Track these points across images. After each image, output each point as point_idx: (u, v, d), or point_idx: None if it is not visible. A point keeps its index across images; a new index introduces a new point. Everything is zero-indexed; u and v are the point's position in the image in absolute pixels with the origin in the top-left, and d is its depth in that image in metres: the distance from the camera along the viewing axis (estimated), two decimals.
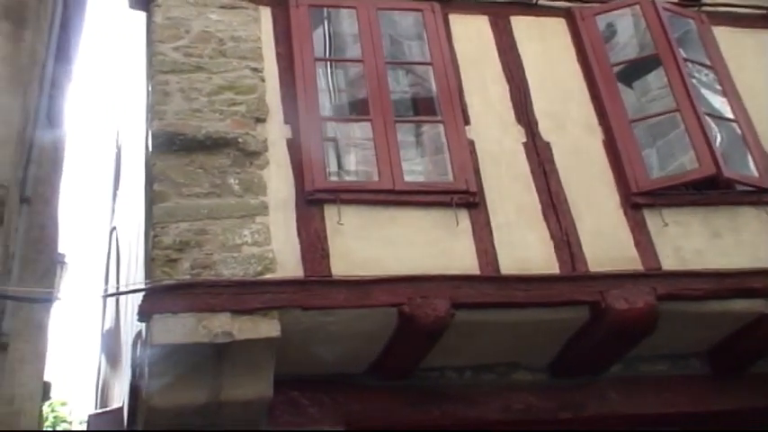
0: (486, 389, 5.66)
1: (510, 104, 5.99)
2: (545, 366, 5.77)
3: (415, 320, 5.02)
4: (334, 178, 6.04)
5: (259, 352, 4.86)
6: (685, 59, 6.33)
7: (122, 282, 8.08)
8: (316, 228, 5.19)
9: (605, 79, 6.14)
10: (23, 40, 5.82)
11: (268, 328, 4.82)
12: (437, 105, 6.01)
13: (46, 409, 14.44)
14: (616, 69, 6.39)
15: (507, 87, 6.06)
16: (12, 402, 6.48)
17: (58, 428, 18.92)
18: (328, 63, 6.74)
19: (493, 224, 5.46)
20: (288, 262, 5.05)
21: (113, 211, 11.16)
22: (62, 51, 7.20)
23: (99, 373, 10.35)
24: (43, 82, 6.42)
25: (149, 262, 5.03)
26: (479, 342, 5.44)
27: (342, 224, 5.20)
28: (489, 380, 5.70)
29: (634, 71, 6.87)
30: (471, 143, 5.76)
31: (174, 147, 5.27)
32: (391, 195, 5.40)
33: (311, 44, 5.93)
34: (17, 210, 5.75)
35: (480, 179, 5.61)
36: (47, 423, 16.15)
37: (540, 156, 5.80)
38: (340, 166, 6.55)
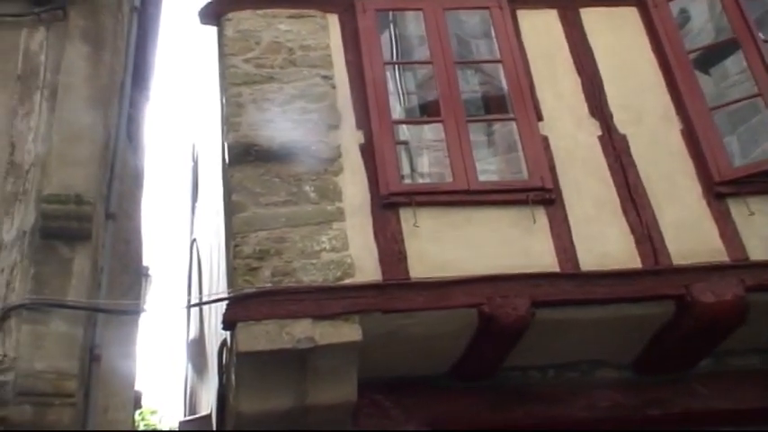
0: (570, 387, 5.59)
1: (583, 98, 5.91)
2: (630, 363, 5.66)
3: (496, 320, 5.00)
4: (407, 181, 6.07)
5: (341, 356, 4.91)
6: (765, 41, 6.13)
7: (205, 292, 8.26)
8: (392, 231, 5.21)
9: (681, 67, 6.00)
10: (102, 61, 6.00)
11: (349, 332, 4.87)
12: (508, 103, 5.97)
13: (137, 417, 14.84)
14: (692, 56, 6.23)
15: (579, 81, 5.97)
16: (106, 412, 6.66)
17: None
18: (397, 66, 6.77)
19: (571, 220, 5.39)
20: (366, 266, 5.10)
21: (192, 223, 11.42)
22: (139, 70, 7.39)
23: (186, 382, 10.59)
24: (122, 101, 6.59)
25: (231, 271, 5.13)
26: (561, 340, 5.38)
27: (418, 226, 5.21)
28: (573, 378, 5.63)
29: (711, 57, 6.71)
30: (545, 139, 5.70)
31: (250, 157, 5.38)
32: (466, 196, 5.39)
33: (380, 48, 5.98)
34: (103, 225, 5.92)
35: (556, 175, 5.56)
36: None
37: (616, 149, 5.70)
38: (413, 168, 6.57)
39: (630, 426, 5.59)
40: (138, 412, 12.27)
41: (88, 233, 5.35)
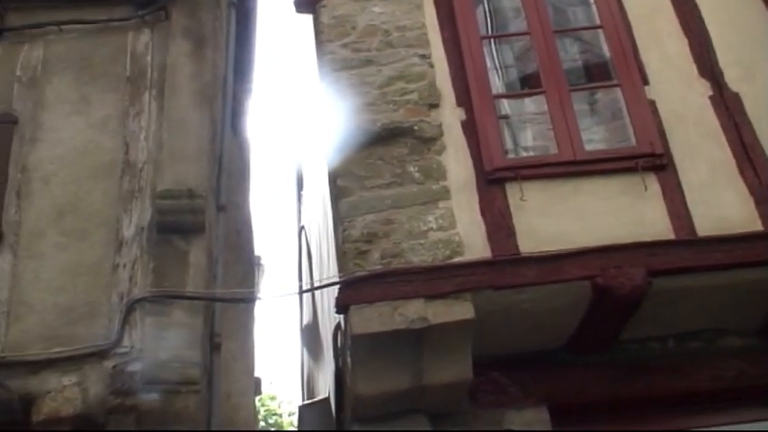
0: (693, 358, 5.41)
1: (691, 58, 5.69)
2: (755, 330, 5.44)
3: (611, 292, 4.89)
4: (511, 156, 5.98)
5: (455, 335, 4.89)
6: None
7: (315, 278, 8.39)
8: (499, 207, 5.16)
9: None
10: (205, 58, 6.16)
11: (462, 310, 4.85)
12: (612, 69, 5.82)
13: (257, 403, 15.27)
14: None
15: (686, 41, 5.75)
16: (229, 398, 6.90)
17: (269, 421, 19.95)
18: (493, 40, 6.67)
19: (684, 185, 5.21)
20: (475, 244, 5.06)
21: (299, 211, 11.62)
22: (239, 64, 7.56)
23: (303, 367, 10.81)
24: (226, 95, 6.76)
25: (341, 256, 5.19)
26: (681, 309, 5.21)
27: (525, 200, 5.15)
28: (695, 348, 5.45)
29: None
30: (652, 103, 5.53)
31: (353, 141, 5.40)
32: (573, 166, 5.28)
33: (476, 23, 5.91)
34: (215, 218, 6.10)
35: (665, 140, 5.38)
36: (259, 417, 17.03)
37: (729, 108, 5.46)
38: (516, 142, 6.47)
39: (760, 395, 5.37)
40: (257, 398, 12.62)
41: (202, 226, 5.52)
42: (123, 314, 5.20)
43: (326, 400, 6.93)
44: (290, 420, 20.52)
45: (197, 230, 5.51)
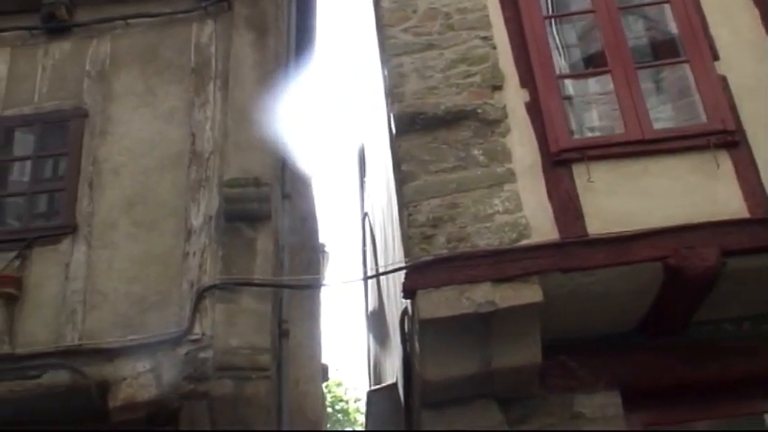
0: None
1: (763, 31, 5.49)
2: None
3: (683, 273, 4.78)
4: (577, 136, 5.89)
5: (523, 318, 4.84)
6: None
7: (380, 263, 8.41)
8: (566, 188, 5.08)
9: None
10: (267, 47, 6.22)
11: (530, 293, 4.79)
12: (679, 45, 5.66)
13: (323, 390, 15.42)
14: None
15: (757, 13, 5.56)
16: (297, 384, 6.98)
17: (335, 408, 20.13)
18: (554, 21, 6.56)
19: (758, 162, 5.05)
20: (542, 226, 5.00)
21: (362, 198, 11.65)
22: (301, 51, 7.60)
23: (369, 353, 10.87)
24: (288, 83, 6.80)
25: (406, 240, 5.18)
26: (756, 290, 5.06)
27: (592, 181, 5.05)
28: None
29: None
30: (723, 79, 5.36)
31: (416, 126, 5.38)
32: (641, 146, 5.16)
33: (538, 3, 5.81)
34: (280, 205, 6.16)
35: (737, 116, 5.21)
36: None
37: None
38: (581, 123, 6.37)
39: None
40: (323, 385, 12.74)
41: (268, 213, 5.59)
42: (194, 302, 5.31)
43: (394, 385, 6.94)
44: (356, 407, 20.69)
45: (263, 218, 5.58)
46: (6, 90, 6.29)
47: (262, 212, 5.56)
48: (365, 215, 10.73)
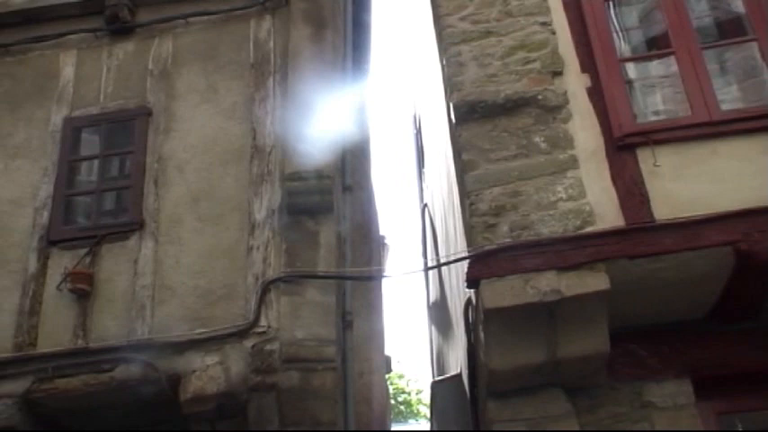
0: None
1: None
2: None
3: (755, 257, 4.65)
4: (640, 120, 5.78)
5: (590, 306, 4.78)
6: None
7: (441, 254, 8.38)
8: (631, 174, 4.99)
9: None
10: (325, 40, 6.24)
11: (596, 281, 4.73)
12: (747, 24, 5.51)
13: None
14: None
15: None
16: (362, 376, 7.00)
17: (398, 399, 20.17)
18: (613, 4, 6.44)
19: None
20: (606, 212, 4.92)
21: (421, 189, 11.63)
22: (357, 44, 7.61)
23: (432, 344, 10.86)
24: (346, 76, 6.82)
25: (469, 230, 5.16)
26: None
27: (658, 166, 4.96)
28: None
29: None
30: None
31: (476, 115, 5.35)
32: (708, 128, 5.04)
33: None
34: (341, 198, 6.19)
35: None
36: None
37: None
38: (644, 107, 6.25)
39: None
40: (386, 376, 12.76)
41: (330, 206, 5.62)
42: (259, 295, 5.37)
43: (458, 376, 6.93)
44: (419, 398, 20.70)
45: (326, 211, 5.61)
46: (74, 92, 6.44)
47: (324, 205, 5.60)
48: (424, 206, 10.71)
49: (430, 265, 8.88)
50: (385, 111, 32.99)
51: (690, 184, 4.91)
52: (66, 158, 6.19)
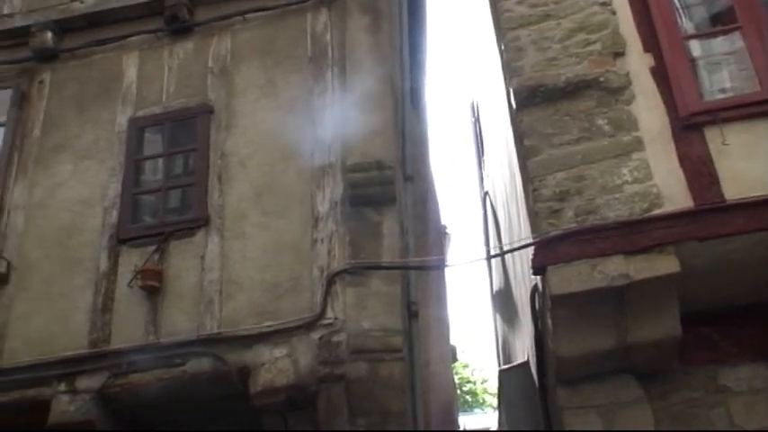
0: None
1: None
2: None
3: None
4: (707, 99, 5.64)
5: (659, 290, 4.71)
6: None
7: (504, 242, 8.32)
8: (698, 153, 4.89)
9: None
10: (381, 31, 6.23)
11: (665, 264, 4.65)
12: None
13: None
14: None
15: None
16: (428, 365, 7.00)
17: (463, 389, 20.12)
18: None
19: None
20: (674, 194, 4.84)
21: (481, 177, 11.56)
22: (413, 33, 7.58)
23: (496, 333, 10.80)
24: (403, 66, 6.81)
25: (533, 216, 5.11)
26: None
27: (727, 144, 4.85)
28: None
29: None
30: None
31: (537, 99, 5.30)
32: None
33: None
34: (402, 188, 6.17)
35: None
36: None
37: None
38: (711, 84, 6.10)
39: None
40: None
41: (392, 196, 5.62)
42: (325, 287, 5.40)
43: (526, 363, 6.88)
44: (484, 387, 20.63)
45: (388, 201, 5.61)
46: (137, 92, 6.56)
47: (386, 196, 5.60)
48: (485, 194, 10.64)
49: (493, 253, 8.81)
50: (442, 99, 32.88)
51: (761, 162, 4.79)
52: (132, 158, 6.30)
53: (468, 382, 21.15)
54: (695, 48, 6.07)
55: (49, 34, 6.80)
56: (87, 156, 6.39)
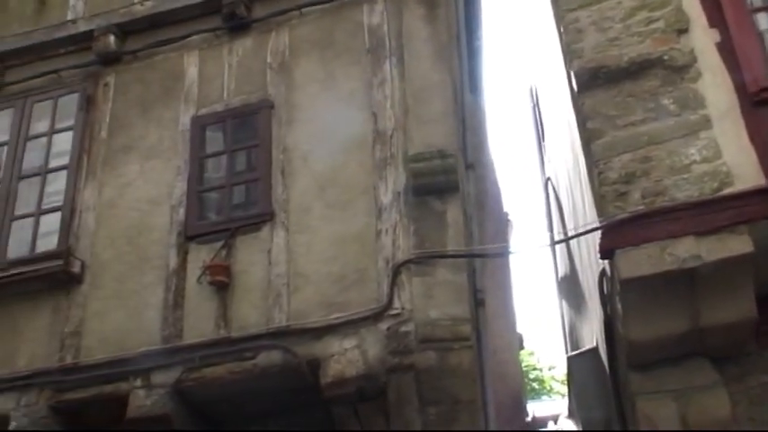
0: None
1: None
2: None
3: None
4: None
5: (733, 271, 4.59)
6: None
7: (568, 227, 8.23)
8: None
9: None
10: (438, 19, 6.22)
11: (738, 244, 4.53)
12: None
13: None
14: None
15: None
16: (495, 353, 6.99)
17: (530, 376, 19.97)
18: None
19: None
20: (745, 172, 4.71)
21: (542, 163, 11.44)
22: (469, 20, 7.54)
23: (563, 319, 10.70)
24: (461, 53, 6.78)
25: (599, 200, 5.04)
26: None
27: None
28: None
29: None
30: None
31: (599, 81, 5.22)
32: None
33: None
34: (464, 176, 6.16)
35: None
36: None
37: None
38: None
39: None
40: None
41: (455, 185, 5.61)
42: (391, 278, 5.42)
43: (595, 349, 6.80)
44: (551, 374, 20.45)
45: (451, 190, 5.60)
46: (198, 91, 6.65)
47: (449, 184, 5.59)
48: (547, 180, 10.54)
49: (558, 238, 8.72)
50: (500, 86, 32.66)
51: None
52: (196, 156, 6.40)
53: (535, 369, 20.98)
54: (762, 21, 5.90)
55: (112, 38, 6.94)
56: (153, 155, 6.51)
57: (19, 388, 5.81)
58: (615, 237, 4.76)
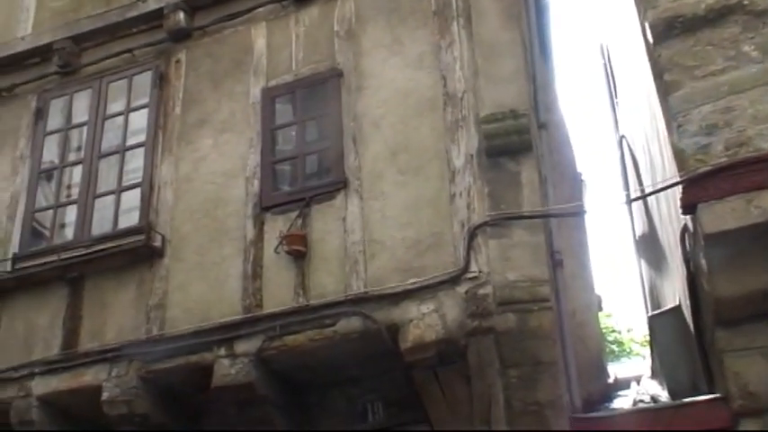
0: None
1: None
2: None
3: None
4: None
5: None
6: None
7: (645, 184, 8.04)
8: None
9: None
10: None
11: None
12: None
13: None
14: None
15: None
16: (574, 315, 6.89)
17: (609, 339, 19.71)
18: None
19: None
20: None
21: (616, 120, 11.18)
22: None
23: (642, 279, 10.49)
24: (529, 11, 6.64)
25: (678, 154, 4.90)
26: None
27: None
28: None
29: None
30: None
31: (675, 31, 5.06)
32: None
33: None
34: (537, 136, 6.05)
35: None
36: None
37: None
38: None
39: None
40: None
41: (529, 145, 5.52)
42: (467, 241, 5.38)
43: (677, 308, 6.64)
44: (631, 336, 20.15)
45: (525, 150, 5.52)
46: (267, 63, 6.68)
47: (522, 144, 5.51)
48: (621, 137, 10.29)
49: (634, 196, 8.52)
50: (570, 43, 31.96)
51: None
52: (268, 128, 6.44)
53: (614, 331, 20.70)
54: None
55: (181, 14, 7.01)
56: (226, 129, 6.59)
57: (109, 360, 6.01)
58: (697, 191, 4.63)
